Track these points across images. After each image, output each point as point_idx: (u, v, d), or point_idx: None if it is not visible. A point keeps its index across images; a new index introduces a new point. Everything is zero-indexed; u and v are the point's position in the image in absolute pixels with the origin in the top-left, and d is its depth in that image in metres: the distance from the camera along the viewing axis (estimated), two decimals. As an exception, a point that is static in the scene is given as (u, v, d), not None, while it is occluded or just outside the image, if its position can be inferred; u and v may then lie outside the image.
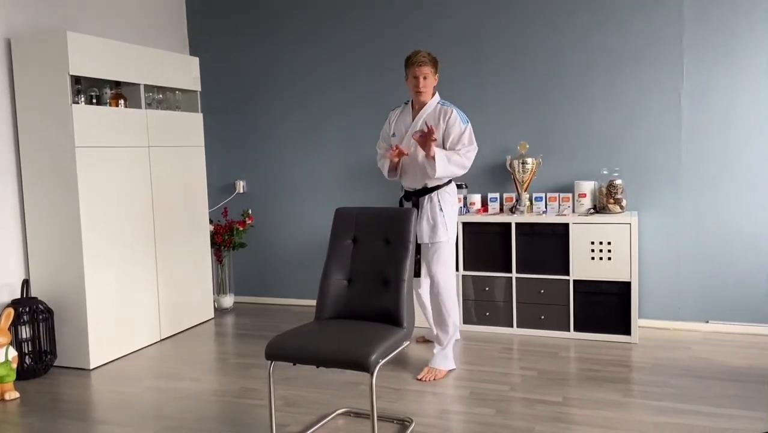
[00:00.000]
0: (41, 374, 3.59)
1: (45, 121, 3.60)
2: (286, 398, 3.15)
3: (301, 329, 2.56)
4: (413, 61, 3.36)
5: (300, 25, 4.82)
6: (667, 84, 4.00)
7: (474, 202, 4.26)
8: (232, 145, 5.09)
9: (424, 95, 3.40)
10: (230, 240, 4.85)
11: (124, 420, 2.96)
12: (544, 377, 3.34)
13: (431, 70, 3.38)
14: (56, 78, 3.55)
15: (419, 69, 3.34)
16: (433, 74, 3.40)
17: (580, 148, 4.21)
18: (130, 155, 3.94)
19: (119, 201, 3.86)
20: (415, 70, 3.36)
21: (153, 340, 4.14)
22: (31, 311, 3.53)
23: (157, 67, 4.18)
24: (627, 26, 4.05)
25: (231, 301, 5.00)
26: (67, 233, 3.62)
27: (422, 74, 3.35)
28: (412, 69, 3.37)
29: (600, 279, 3.89)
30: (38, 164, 3.65)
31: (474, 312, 4.18)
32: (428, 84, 3.38)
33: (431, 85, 3.41)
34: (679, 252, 4.04)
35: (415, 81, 3.37)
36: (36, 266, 3.72)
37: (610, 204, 3.97)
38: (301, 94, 4.87)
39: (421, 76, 3.35)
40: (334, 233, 2.82)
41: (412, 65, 3.37)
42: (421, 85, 3.36)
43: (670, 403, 2.95)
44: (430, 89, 3.42)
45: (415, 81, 3.37)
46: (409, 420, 2.81)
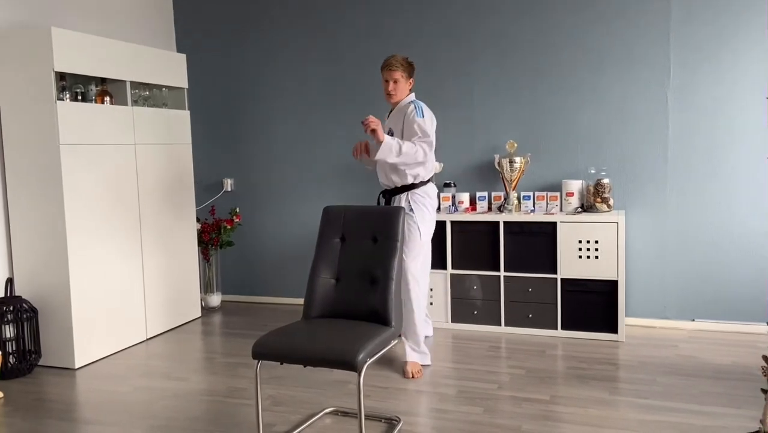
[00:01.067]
0: (25, 373, 3.55)
1: (29, 118, 3.56)
2: (273, 397, 3.14)
3: (289, 328, 2.55)
4: (384, 65, 3.46)
5: (288, 21, 4.80)
6: (654, 83, 4.02)
7: (462, 200, 4.26)
8: (219, 143, 5.05)
9: (393, 98, 3.48)
10: (218, 239, 4.82)
11: (110, 420, 2.94)
12: (532, 375, 3.35)
13: (402, 75, 3.44)
14: (40, 74, 3.51)
15: (389, 73, 3.44)
16: (405, 79, 3.47)
17: (568, 147, 4.22)
18: (115, 153, 3.91)
19: (105, 199, 3.82)
20: (385, 74, 3.45)
21: (139, 339, 4.11)
22: (15, 309, 3.49)
23: (143, 63, 4.14)
24: (614, 25, 4.07)
25: (218, 300, 4.97)
26: (52, 231, 3.58)
27: (392, 78, 3.44)
28: (383, 73, 3.47)
29: (587, 278, 3.90)
30: (22, 162, 3.61)
31: (462, 310, 4.18)
32: (398, 88, 3.45)
33: (402, 88, 3.47)
34: (666, 251, 4.07)
35: (386, 84, 3.47)
36: (20, 265, 3.68)
37: (598, 203, 3.99)
38: (289, 92, 4.84)
39: (391, 81, 3.44)
40: (321, 231, 2.81)
41: (383, 69, 3.47)
42: (390, 88, 3.46)
43: (656, 401, 2.97)
44: (401, 93, 3.48)
45: (386, 84, 3.47)
46: (396, 419, 2.81)
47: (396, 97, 3.47)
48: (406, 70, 3.45)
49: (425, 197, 3.46)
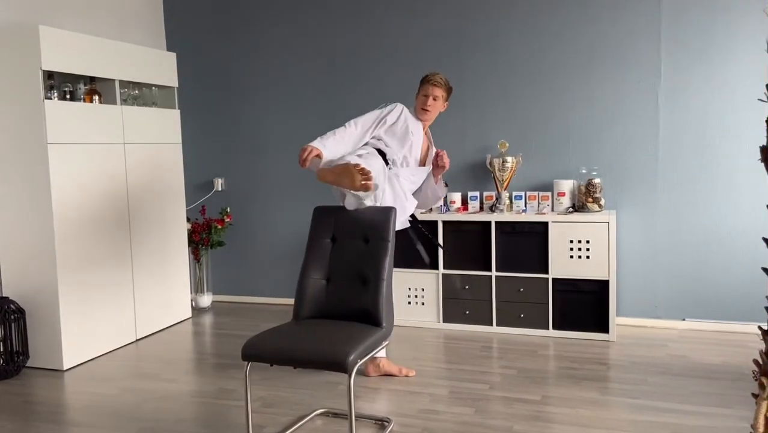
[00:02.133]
0: (13, 375, 3.51)
1: (17, 117, 3.52)
2: (264, 398, 3.12)
3: (279, 330, 2.53)
4: (428, 80, 3.34)
5: (279, 20, 4.77)
6: (645, 82, 4.03)
7: (454, 200, 4.25)
8: (210, 143, 5.02)
9: (428, 114, 3.35)
10: (208, 238, 4.80)
11: (98, 422, 2.91)
12: (523, 375, 3.34)
13: (443, 95, 3.35)
14: (28, 73, 3.47)
15: (432, 88, 3.32)
16: (443, 99, 3.38)
17: (560, 147, 4.22)
18: (104, 152, 3.87)
19: (93, 199, 3.79)
20: (428, 88, 3.33)
21: (129, 340, 4.08)
22: (2, 311, 3.45)
23: (133, 62, 4.11)
24: (605, 25, 4.07)
25: (209, 300, 4.94)
26: (39, 231, 3.55)
27: (433, 94, 3.32)
28: (426, 87, 3.34)
29: (578, 277, 3.90)
30: (9, 161, 3.57)
31: (453, 310, 4.18)
32: (436, 105, 3.35)
33: (438, 107, 3.37)
34: (656, 250, 4.08)
35: (425, 99, 3.33)
36: (7, 265, 3.64)
37: (589, 203, 3.99)
38: (280, 91, 4.82)
39: (431, 96, 3.32)
40: (312, 231, 2.79)
41: (426, 83, 3.34)
42: (429, 104, 3.32)
43: (647, 401, 2.97)
44: (437, 111, 3.38)
45: (425, 99, 3.33)
46: (387, 420, 2.80)
47: (431, 115, 3.36)
48: (447, 91, 3.37)
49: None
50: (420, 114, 3.37)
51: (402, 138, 3.27)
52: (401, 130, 3.27)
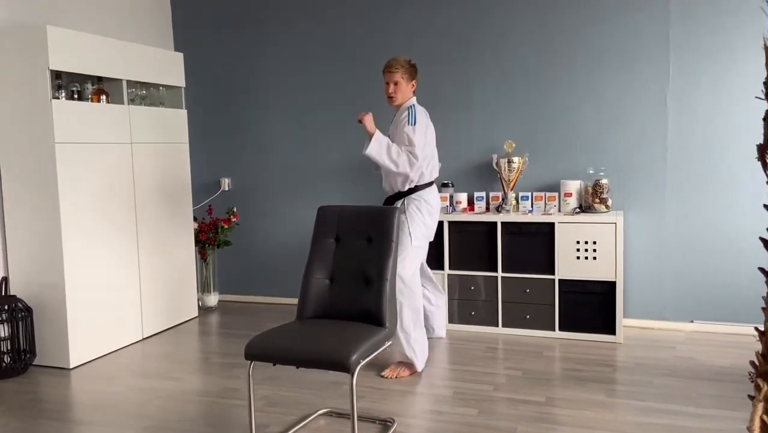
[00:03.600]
0: (20, 373, 3.53)
1: (25, 116, 3.55)
2: (268, 397, 3.12)
3: (282, 329, 2.53)
4: (385, 68, 3.42)
5: (287, 21, 4.78)
6: (653, 83, 4.00)
7: (460, 201, 4.24)
8: (217, 143, 5.04)
9: (393, 101, 3.42)
10: (215, 238, 4.81)
11: (103, 420, 2.92)
12: (529, 376, 3.33)
13: (403, 76, 3.38)
14: (36, 73, 3.49)
15: (389, 75, 3.39)
16: (407, 80, 3.40)
17: (566, 148, 4.20)
18: (112, 152, 3.89)
19: (101, 198, 3.81)
20: (386, 76, 3.41)
21: (135, 339, 4.10)
22: (9, 309, 3.48)
23: (140, 62, 4.13)
24: (613, 25, 4.05)
25: (215, 299, 4.96)
26: (47, 230, 3.57)
27: (392, 80, 3.38)
28: (384, 75, 3.42)
29: (585, 279, 3.88)
30: (18, 160, 3.60)
31: (459, 311, 4.16)
32: (399, 90, 3.39)
33: (403, 91, 3.40)
34: (664, 252, 4.05)
35: (386, 87, 3.42)
36: (15, 264, 3.67)
37: (596, 203, 3.97)
38: (286, 91, 4.83)
39: (392, 83, 3.39)
40: (316, 231, 2.79)
41: (384, 71, 3.42)
42: (390, 91, 3.40)
43: (653, 403, 2.95)
44: (401, 96, 3.41)
45: (386, 87, 3.42)
46: (391, 420, 2.79)
47: (397, 100, 3.41)
48: (407, 72, 3.39)
49: (421, 202, 3.41)
50: (388, 102, 3.47)
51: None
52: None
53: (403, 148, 3.30)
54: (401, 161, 3.28)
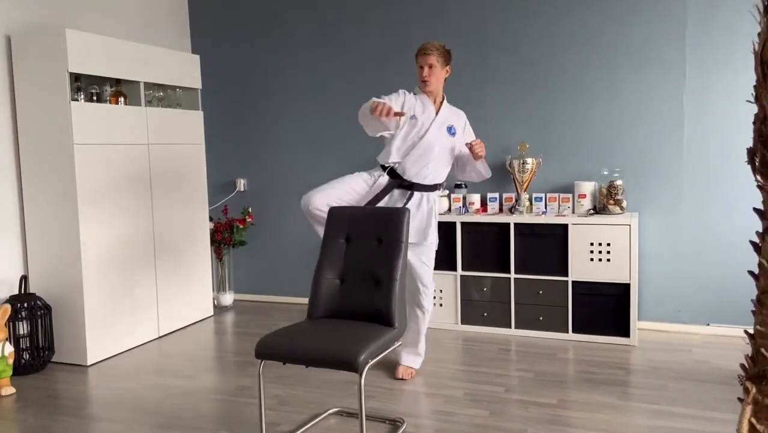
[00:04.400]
0: (38, 370, 3.60)
1: (44, 118, 3.62)
2: (280, 396, 3.15)
3: (292, 329, 2.55)
4: (419, 51, 3.33)
5: (301, 23, 4.81)
6: (670, 83, 3.96)
7: (473, 202, 4.24)
8: (233, 144, 5.09)
9: (428, 85, 3.31)
10: (230, 238, 4.86)
11: (118, 417, 2.97)
12: (541, 378, 3.32)
13: (438, 60, 3.29)
14: (55, 75, 3.56)
15: (424, 58, 3.29)
16: (441, 65, 3.32)
17: (581, 149, 4.18)
18: (129, 153, 3.95)
19: (118, 198, 3.87)
20: (420, 59, 3.32)
21: (151, 337, 4.15)
22: (29, 306, 3.55)
23: (157, 64, 4.18)
24: (629, 24, 4.02)
25: (231, 299, 5.01)
26: (66, 229, 3.63)
27: (427, 63, 3.29)
28: (418, 58, 3.33)
29: (599, 280, 3.85)
30: (37, 161, 3.67)
31: (472, 312, 4.16)
32: (434, 73, 3.30)
33: (437, 75, 3.31)
34: (680, 253, 4.01)
35: (420, 70, 3.32)
36: (34, 262, 3.74)
37: (611, 205, 3.94)
38: (302, 93, 4.86)
39: (426, 65, 3.29)
40: (327, 231, 2.81)
41: (418, 55, 3.34)
42: (425, 74, 3.29)
43: (666, 406, 2.92)
44: (436, 80, 3.32)
45: (420, 70, 3.32)
46: (400, 421, 2.80)
47: (432, 85, 3.31)
48: (442, 55, 3.31)
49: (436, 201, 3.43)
50: (422, 87, 3.36)
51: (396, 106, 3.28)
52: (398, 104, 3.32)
53: None
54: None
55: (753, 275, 1.35)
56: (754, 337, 1.36)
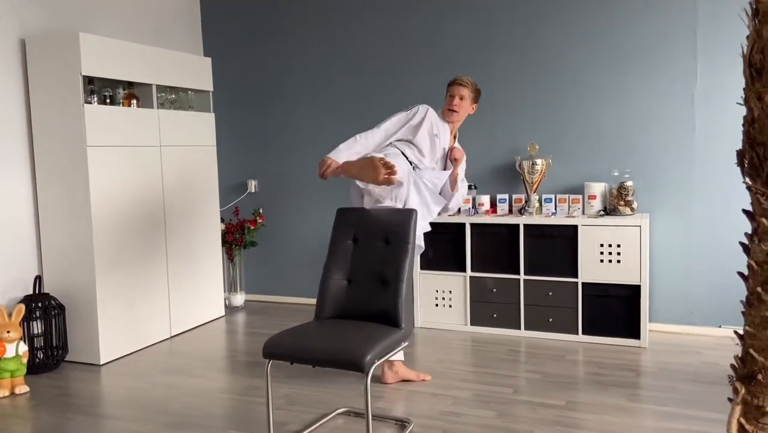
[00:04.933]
0: (52, 368, 3.66)
1: (58, 120, 3.67)
2: (288, 396, 3.17)
3: (299, 329, 2.58)
4: (455, 80, 3.38)
5: (311, 26, 4.84)
6: (680, 83, 3.94)
7: (483, 203, 4.24)
8: (244, 145, 5.13)
9: (455, 115, 3.36)
10: (241, 239, 4.90)
11: (129, 415, 3.01)
12: (549, 380, 3.31)
13: (470, 95, 3.37)
14: (69, 78, 3.62)
15: (458, 88, 3.35)
16: (471, 101, 3.39)
17: (591, 150, 4.17)
18: (141, 154, 4.00)
19: (130, 199, 3.92)
20: (454, 88, 3.36)
21: (163, 336, 4.20)
22: (43, 306, 3.60)
23: (169, 67, 4.23)
24: (639, 25, 4.00)
25: (242, 299, 5.05)
26: (79, 230, 3.69)
27: (459, 94, 3.35)
28: (452, 87, 3.38)
29: (609, 282, 3.84)
30: (51, 162, 3.72)
31: (481, 313, 4.16)
32: (463, 106, 3.36)
33: (466, 108, 3.38)
34: (692, 255, 3.98)
35: (451, 99, 3.36)
36: (49, 263, 3.80)
37: (621, 206, 3.93)
38: (312, 95, 4.89)
39: (457, 96, 3.35)
40: (335, 233, 2.83)
41: (452, 84, 3.38)
42: (455, 103, 3.34)
43: (675, 408, 2.91)
44: (464, 112, 3.39)
45: (451, 99, 3.36)
46: (408, 421, 2.81)
47: (458, 116, 3.37)
48: (474, 92, 3.38)
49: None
50: (447, 115, 3.37)
51: (427, 139, 3.28)
52: (427, 132, 3.28)
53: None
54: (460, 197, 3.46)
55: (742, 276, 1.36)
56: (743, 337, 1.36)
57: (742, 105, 1.26)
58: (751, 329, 1.33)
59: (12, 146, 3.68)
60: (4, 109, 3.64)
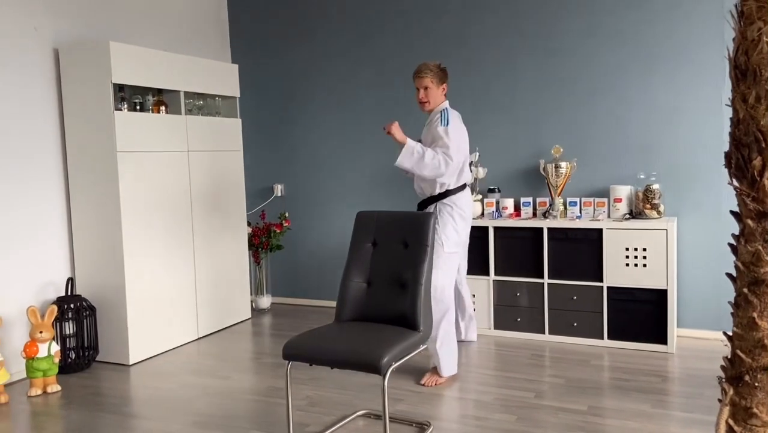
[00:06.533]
0: (84, 368, 3.76)
1: (89, 127, 3.78)
2: (310, 397, 3.21)
3: (319, 331, 2.61)
4: (414, 73, 3.43)
5: (337, 32, 4.89)
6: (708, 84, 3.87)
7: (506, 206, 4.22)
8: (270, 150, 5.20)
9: (426, 105, 3.43)
10: (267, 242, 4.96)
11: (155, 415, 3.08)
12: (572, 385, 3.28)
13: (432, 81, 3.38)
14: (100, 86, 3.72)
15: (419, 80, 3.41)
16: (437, 85, 3.40)
17: (616, 152, 4.12)
18: (170, 160, 4.09)
19: (159, 203, 4.01)
20: (416, 81, 3.43)
21: (191, 338, 4.28)
22: (75, 308, 3.71)
23: (197, 74, 4.32)
24: (665, 24, 3.95)
25: (268, 302, 5.11)
26: (109, 233, 3.79)
27: (422, 85, 3.40)
28: (414, 81, 3.44)
29: (635, 286, 3.79)
30: (83, 168, 3.84)
31: (505, 317, 4.14)
32: (430, 95, 3.40)
33: (434, 95, 3.41)
34: (721, 259, 3.89)
35: (417, 93, 3.44)
36: (80, 265, 3.91)
37: (647, 209, 3.87)
38: (337, 101, 4.94)
39: (422, 88, 3.40)
40: (354, 236, 2.86)
41: (413, 77, 3.44)
42: (421, 96, 3.41)
43: (700, 415, 2.86)
44: (434, 100, 3.42)
45: (417, 93, 3.44)
46: (427, 424, 2.82)
47: (429, 105, 3.43)
48: (436, 75, 3.39)
49: (453, 207, 3.39)
50: (421, 108, 3.49)
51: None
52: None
53: (438, 150, 3.29)
54: (436, 163, 3.26)
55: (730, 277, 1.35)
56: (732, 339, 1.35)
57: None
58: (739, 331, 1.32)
59: (46, 153, 3.80)
60: (40, 116, 3.77)
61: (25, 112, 3.68)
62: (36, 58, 3.75)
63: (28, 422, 3.07)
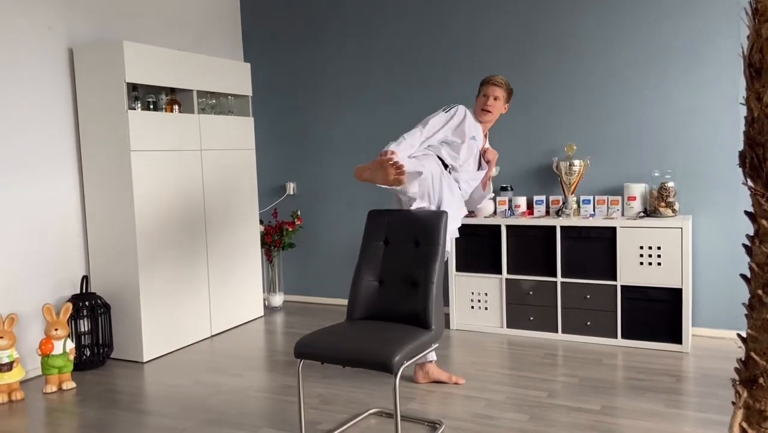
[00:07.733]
0: (98, 365, 3.80)
1: (103, 125, 3.81)
2: (323, 395, 3.21)
3: (330, 329, 2.61)
4: (489, 80, 3.37)
5: (348, 31, 4.89)
6: (725, 80, 3.83)
7: (519, 204, 4.20)
8: (283, 149, 5.22)
9: (489, 115, 3.35)
10: (280, 240, 4.98)
11: (169, 412, 3.10)
12: (586, 384, 3.26)
13: (503, 95, 3.36)
14: (114, 85, 3.75)
15: (492, 88, 3.34)
16: (504, 101, 3.37)
17: (630, 150, 4.08)
18: (183, 158, 4.11)
19: (172, 203, 4.03)
20: (489, 88, 3.35)
21: (204, 336, 4.30)
22: (89, 305, 3.74)
23: (209, 73, 4.34)
24: (681, 21, 3.90)
25: (281, 300, 5.13)
26: (123, 232, 3.82)
27: (494, 94, 3.34)
28: (486, 87, 3.36)
29: (649, 285, 3.76)
30: (97, 166, 3.87)
31: (517, 316, 4.12)
32: (497, 106, 3.35)
33: (499, 108, 3.37)
34: (737, 257, 3.85)
35: (485, 99, 3.35)
36: (95, 263, 3.94)
37: (662, 207, 3.84)
38: (349, 99, 4.94)
39: (492, 96, 3.34)
40: (366, 235, 2.86)
41: (487, 83, 3.37)
42: (489, 103, 3.33)
43: (714, 415, 2.83)
44: (497, 112, 3.38)
45: (485, 99, 3.35)
46: (439, 423, 2.81)
47: (491, 116, 3.36)
48: (507, 92, 3.37)
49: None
50: (480, 115, 3.37)
51: (463, 140, 3.26)
52: (463, 132, 3.27)
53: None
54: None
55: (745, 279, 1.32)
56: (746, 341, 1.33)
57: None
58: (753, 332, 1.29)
59: (61, 151, 3.84)
60: (54, 115, 3.80)
61: (39, 112, 3.72)
62: (50, 58, 3.78)
63: (44, 419, 3.10)
